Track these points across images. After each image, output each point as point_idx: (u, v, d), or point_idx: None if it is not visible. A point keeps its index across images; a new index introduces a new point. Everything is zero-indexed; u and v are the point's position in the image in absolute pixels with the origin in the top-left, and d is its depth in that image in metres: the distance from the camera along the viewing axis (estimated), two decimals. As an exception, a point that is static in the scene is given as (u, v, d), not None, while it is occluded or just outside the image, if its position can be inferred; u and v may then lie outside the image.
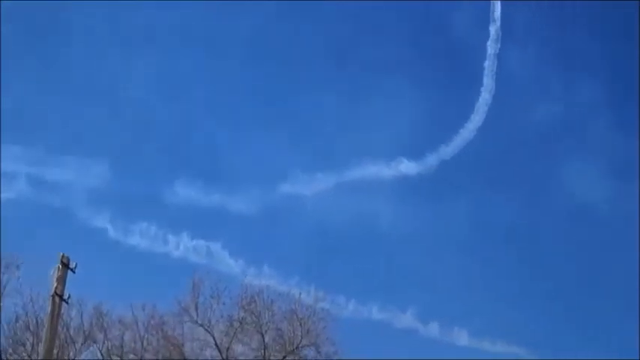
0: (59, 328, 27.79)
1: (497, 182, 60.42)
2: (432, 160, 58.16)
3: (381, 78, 62.33)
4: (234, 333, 40.11)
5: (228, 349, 39.95)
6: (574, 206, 59.32)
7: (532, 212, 60.05)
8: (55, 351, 24.51)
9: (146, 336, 39.86)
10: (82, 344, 39.82)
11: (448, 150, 58.03)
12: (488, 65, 59.77)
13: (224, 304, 40.82)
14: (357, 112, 61.13)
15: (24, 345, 39.18)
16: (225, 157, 62.17)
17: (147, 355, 39.67)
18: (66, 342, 38.79)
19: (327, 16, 65.78)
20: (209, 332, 39.96)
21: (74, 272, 22.90)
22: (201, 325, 39.98)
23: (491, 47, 60.03)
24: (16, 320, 39.48)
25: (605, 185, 58.74)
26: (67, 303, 23.13)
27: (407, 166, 58.38)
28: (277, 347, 40.09)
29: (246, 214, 55.71)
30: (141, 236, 54.71)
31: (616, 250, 57.53)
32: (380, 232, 58.06)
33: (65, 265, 22.69)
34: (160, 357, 39.60)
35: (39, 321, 36.81)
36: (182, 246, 54.33)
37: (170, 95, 65.06)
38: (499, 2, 59.94)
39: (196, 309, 40.17)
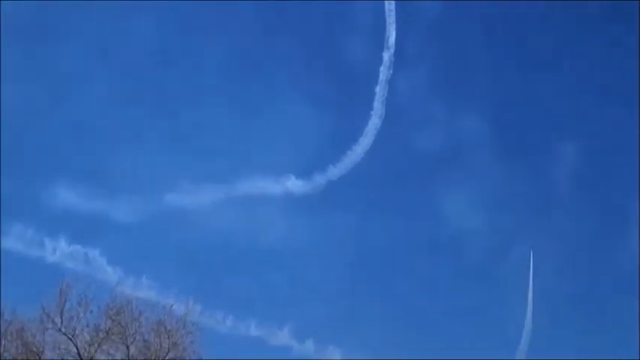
0: None
1: (380, 204, 61.76)
2: (319, 179, 59.13)
3: (276, 95, 63.07)
4: (99, 343, 39.18)
5: (91, 359, 38.98)
6: (447, 233, 60.82)
7: (410, 235, 61.42)
8: None
9: (3, 342, 38.50)
10: None
11: (335, 171, 59.24)
12: (380, 90, 61.34)
13: (91, 312, 39.92)
14: (249, 127, 61.44)
15: None
16: (111, 163, 60.91)
17: (4, 362, 38.31)
18: None
19: (226, 28, 65.53)
20: (72, 341, 38.88)
21: None
22: (65, 334, 38.89)
23: (384, 73, 61.69)
24: None
25: (480, 215, 60.49)
26: None
27: (295, 184, 59.13)
28: (142, 359, 39.40)
29: (128, 222, 55.03)
30: (16, 239, 53.17)
31: (481, 280, 58.97)
32: (264, 248, 58.11)
33: None
34: (18, 364, 38.28)
35: None
36: (58, 251, 53.07)
37: (59, 95, 63.28)
38: (394, 30, 61.84)
39: (61, 316, 39.02)
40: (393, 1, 61.38)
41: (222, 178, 58.52)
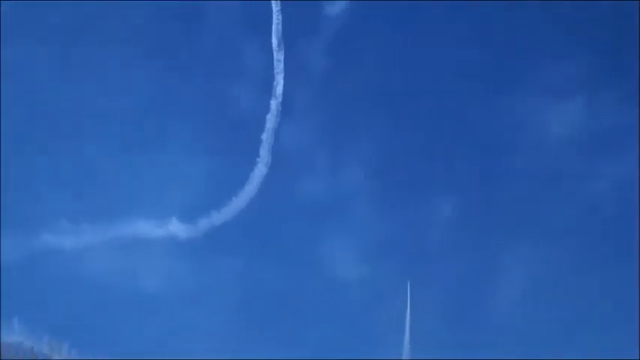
0: None
1: (263, 251, 62.30)
2: (203, 224, 59.22)
3: (161, 139, 62.80)
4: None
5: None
6: (328, 280, 61.94)
7: (292, 282, 62.10)
8: None
9: None
10: None
11: (219, 216, 59.46)
12: (266, 138, 62.39)
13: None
14: (132, 169, 60.75)
15: None
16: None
17: None
18: None
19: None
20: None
21: None
22: None
23: (270, 121, 62.86)
24: None
25: (361, 263, 62.13)
26: None
27: (178, 228, 58.95)
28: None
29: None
30: None
31: (362, 326, 60.02)
32: (144, 292, 57.20)
33: None
34: None
35: None
36: None
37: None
38: (282, 80, 63.26)
39: None
40: (282, 52, 63.36)
41: (103, 220, 57.82)
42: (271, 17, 62.99)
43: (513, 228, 63.77)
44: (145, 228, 58.24)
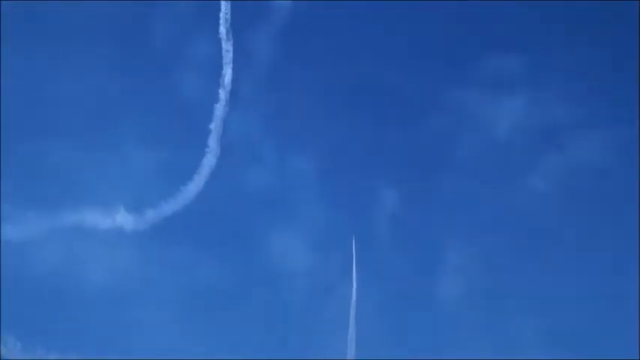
0: None
1: (210, 242, 62.15)
2: (151, 215, 58.79)
3: (109, 129, 61.89)
4: None
5: None
6: (273, 270, 62.23)
7: (238, 272, 62.21)
8: None
9: None
10: None
11: (168, 207, 59.14)
12: (215, 128, 62.26)
13: None
14: (79, 158, 59.86)
15: None
16: None
17: None
18: None
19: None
20: None
21: None
22: None
23: (219, 110, 62.76)
24: None
25: (305, 253, 62.54)
26: None
27: (125, 219, 58.36)
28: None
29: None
30: None
31: (305, 318, 60.61)
32: (90, 284, 56.48)
33: None
34: None
35: None
36: None
37: None
38: (230, 70, 63.18)
39: None
40: (231, 42, 63.18)
41: (48, 210, 56.88)
42: (219, 6, 63.03)
43: (457, 223, 65.07)
44: (92, 218, 57.58)
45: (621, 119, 66.56)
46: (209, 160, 61.23)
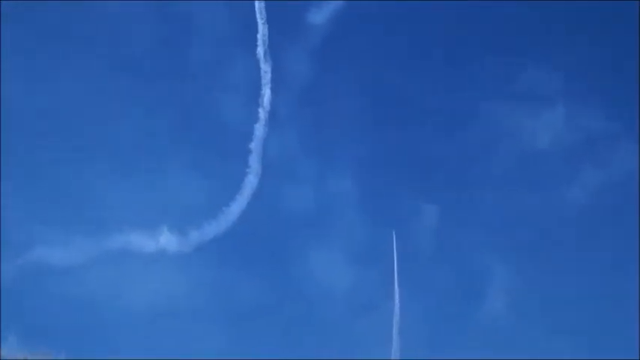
0: None
1: (251, 261, 63.09)
2: (194, 236, 59.93)
3: (149, 149, 63.37)
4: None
5: None
6: (314, 290, 62.63)
7: (281, 290, 62.92)
8: None
9: None
10: None
11: (211, 229, 60.22)
12: (255, 148, 63.12)
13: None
14: (125, 181, 61.56)
15: None
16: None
17: None
18: None
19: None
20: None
21: None
22: None
23: (259, 130, 63.57)
24: None
25: (347, 272, 63.09)
26: None
27: (169, 241, 59.59)
28: None
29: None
30: None
31: (348, 334, 60.95)
32: (135, 306, 57.71)
33: None
34: None
35: None
36: None
37: None
38: (269, 90, 63.97)
39: None
40: (269, 63, 64.06)
41: (94, 233, 58.34)
42: (257, 28, 63.89)
43: (498, 233, 65.25)
44: (137, 241, 58.83)
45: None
46: (250, 180, 62.13)
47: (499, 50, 69.72)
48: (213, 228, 59.69)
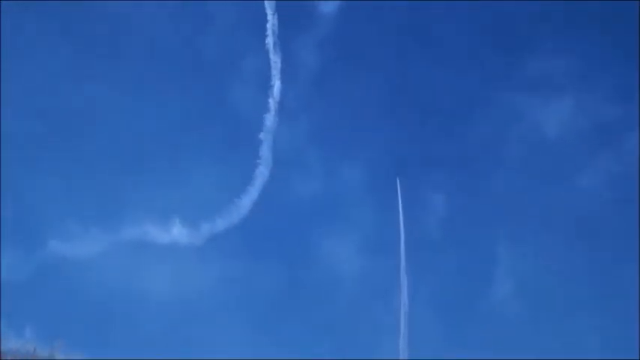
0: None
1: (263, 252, 63.85)
2: (206, 228, 60.54)
3: (161, 141, 63.94)
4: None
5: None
6: (326, 279, 63.28)
7: (293, 280, 63.61)
8: None
9: None
10: None
11: (222, 221, 60.81)
12: (266, 138, 63.41)
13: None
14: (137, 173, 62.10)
15: None
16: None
17: None
18: None
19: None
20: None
21: None
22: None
23: (269, 120, 63.83)
24: None
25: (358, 260, 63.72)
26: None
27: (181, 233, 60.23)
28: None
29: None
30: None
31: (359, 321, 61.72)
32: (150, 297, 58.53)
33: None
34: None
35: None
36: None
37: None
38: (278, 81, 64.16)
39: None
40: (279, 54, 64.25)
41: (108, 225, 59.05)
42: (266, 19, 64.00)
43: (507, 223, 65.61)
44: (150, 233, 59.48)
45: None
46: (261, 171, 62.50)
47: (507, 43, 69.86)
48: (225, 221, 60.29)
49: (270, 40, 64.04)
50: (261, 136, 63.20)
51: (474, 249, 64.52)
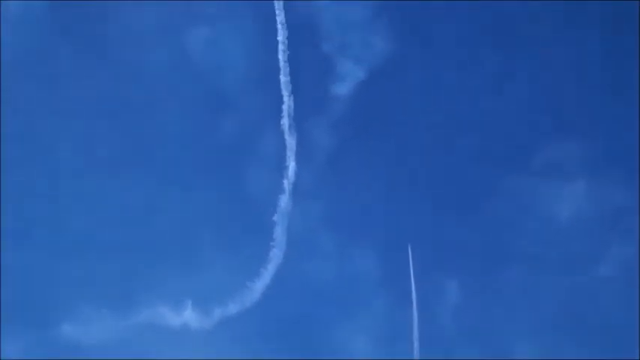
0: None
1: (274, 338, 62.77)
2: (217, 313, 59.93)
3: (174, 222, 63.62)
4: None
5: None
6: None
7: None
8: None
9: None
10: None
11: (234, 305, 60.21)
12: (280, 220, 63.23)
13: None
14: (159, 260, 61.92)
15: None
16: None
17: None
18: None
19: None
20: None
21: None
22: None
23: (283, 202, 63.78)
24: None
25: (369, 350, 62.85)
26: None
27: (191, 317, 59.59)
28: None
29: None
30: None
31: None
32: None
33: None
34: None
35: None
36: None
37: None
38: (293, 162, 64.32)
39: None
40: (294, 135, 64.51)
41: (119, 306, 58.54)
42: (282, 101, 64.51)
43: (523, 311, 64.75)
44: (161, 316, 58.90)
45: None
46: (275, 254, 62.13)
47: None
48: (236, 304, 59.70)
49: (285, 122, 64.48)
50: (275, 217, 63.12)
51: (487, 342, 63.70)
